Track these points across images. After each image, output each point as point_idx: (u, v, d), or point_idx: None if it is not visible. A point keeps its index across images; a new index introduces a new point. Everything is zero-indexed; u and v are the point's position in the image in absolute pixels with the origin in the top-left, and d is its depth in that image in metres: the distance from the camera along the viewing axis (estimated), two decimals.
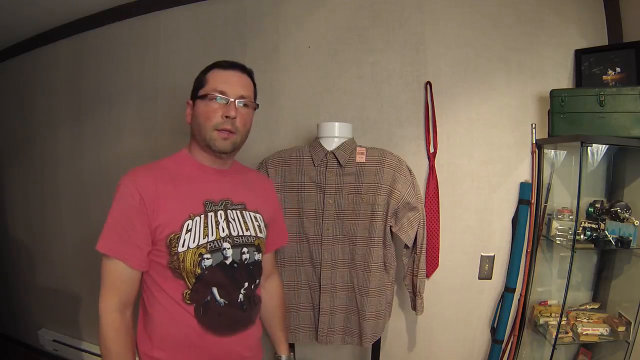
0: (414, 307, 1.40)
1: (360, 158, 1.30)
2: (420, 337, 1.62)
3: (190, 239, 0.86)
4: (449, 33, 1.55)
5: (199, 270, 0.86)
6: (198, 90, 0.94)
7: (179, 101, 1.83)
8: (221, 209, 0.93)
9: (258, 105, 1.01)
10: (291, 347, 1.49)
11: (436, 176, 1.54)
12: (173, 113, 1.84)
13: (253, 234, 0.97)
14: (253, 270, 0.97)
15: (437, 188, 1.53)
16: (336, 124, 1.30)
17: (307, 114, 1.65)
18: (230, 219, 0.94)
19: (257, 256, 0.98)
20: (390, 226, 1.31)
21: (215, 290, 0.88)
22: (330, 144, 1.30)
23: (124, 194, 0.85)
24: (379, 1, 1.60)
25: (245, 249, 0.94)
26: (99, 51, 1.99)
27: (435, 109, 1.54)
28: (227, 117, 0.90)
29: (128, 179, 0.86)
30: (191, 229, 0.87)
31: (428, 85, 1.55)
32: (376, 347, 1.41)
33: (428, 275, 1.53)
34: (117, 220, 0.84)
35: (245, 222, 0.96)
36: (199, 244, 0.87)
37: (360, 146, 1.32)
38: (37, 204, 2.23)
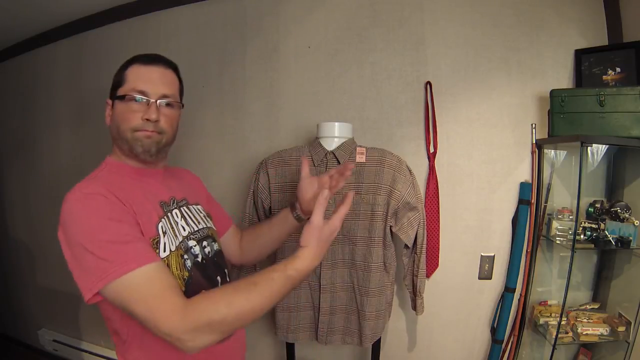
0: (414, 307, 1.40)
1: (360, 158, 1.30)
2: (420, 337, 1.62)
3: (169, 241, 0.79)
4: (449, 33, 1.55)
5: (186, 273, 0.79)
6: (116, 89, 0.85)
7: None
8: (175, 208, 0.87)
9: (183, 105, 0.91)
10: (291, 347, 1.49)
11: (436, 176, 1.54)
12: None
13: (204, 225, 0.93)
14: (218, 262, 0.92)
15: (437, 188, 1.53)
16: (336, 124, 1.30)
17: (307, 114, 1.65)
18: (184, 216, 0.88)
19: (216, 246, 0.93)
20: (390, 226, 1.30)
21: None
22: (330, 144, 1.30)
23: (97, 201, 0.70)
24: (379, 1, 1.60)
25: (204, 243, 0.89)
26: (98, 51, 1.99)
27: (435, 109, 1.54)
28: (147, 119, 0.81)
29: (89, 190, 0.72)
30: (165, 231, 0.79)
31: (428, 85, 1.55)
32: (376, 347, 1.41)
33: (428, 275, 1.53)
34: (111, 231, 0.68)
35: (194, 216, 0.92)
36: (177, 245, 0.80)
37: (360, 146, 1.32)
38: (37, 204, 2.23)
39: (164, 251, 0.77)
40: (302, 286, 1.35)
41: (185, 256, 0.82)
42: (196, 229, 0.90)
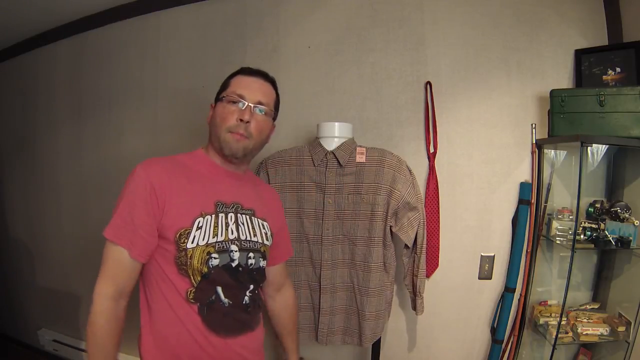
0: (414, 307, 1.40)
1: (360, 158, 1.30)
2: (420, 337, 1.62)
3: (200, 236, 0.85)
4: (449, 33, 1.55)
5: (205, 269, 0.85)
6: (220, 93, 0.95)
7: (179, 101, 1.85)
8: (232, 212, 0.92)
9: (277, 115, 1.01)
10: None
11: (436, 176, 1.54)
12: (173, 113, 1.84)
13: (260, 240, 0.96)
14: (256, 276, 0.96)
15: (437, 188, 1.53)
16: (336, 124, 1.30)
17: (307, 114, 1.65)
18: (239, 223, 0.93)
19: (262, 263, 0.97)
20: (390, 226, 1.30)
21: (220, 290, 0.87)
22: (330, 144, 1.30)
23: (136, 183, 0.84)
24: (379, 1, 1.60)
25: (251, 254, 0.93)
26: (98, 51, 1.99)
27: (435, 109, 1.54)
28: (241, 120, 0.90)
29: (142, 169, 0.85)
30: (202, 226, 0.86)
31: (428, 85, 1.55)
32: (376, 347, 1.41)
33: (428, 275, 1.53)
34: (125, 208, 0.83)
35: (253, 228, 0.96)
36: (208, 242, 0.86)
37: (360, 146, 1.32)
38: (37, 204, 2.23)
39: (192, 243, 0.84)
40: (302, 286, 1.35)
41: (215, 255, 0.87)
42: (248, 238, 0.93)
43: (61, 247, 2.15)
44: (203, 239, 0.85)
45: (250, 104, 0.91)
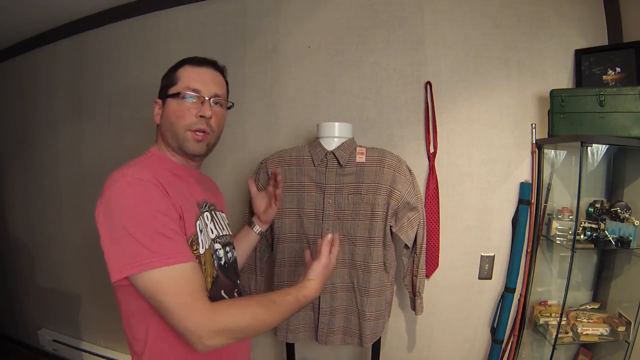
0: (414, 307, 1.40)
1: (360, 158, 1.30)
2: (420, 337, 1.62)
3: (204, 239, 0.82)
4: (449, 33, 1.55)
5: (215, 272, 0.83)
6: (168, 88, 0.88)
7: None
8: (206, 210, 0.90)
9: (233, 104, 0.97)
10: (291, 347, 1.49)
11: (436, 176, 1.54)
12: None
13: (227, 232, 0.97)
14: (236, 268, 0.97)
15: (437, 188, 1.53)
16: (336, 124, 1.30)
17: (307, 114, 1.65)
18: (214, 220, 0.92)
19: (235, 253, 0.99)
20: (390, 226, 1.30)
21: (223, 293, 0.86)
22: (330, 144, 1.30)
23: (149, 190, 0.72)
24: (379, 1, 1.60)
25: (227, 248, 0.94)
26: (99, 51, 1.99)
27: (435, 109, 1.54)
28: (201, 116, 0.84)
29: (140, 177, 0.73)
30: (202, 229, 0.83)
31: (428, 85, 1.55)
32: (376, 347, 1.41)
33: (428, 275, 1.53)
34: (158, 222, 0.70)
35: (220, 222, 0.95)
36: (209, 245, 0.84)
37: (360, 146, 1.32)
38: (37, 204, 2.23)
39: (202, 248, 0.81)
40: None
41: (214, 256, 0.86)
42: (222, 234, 0.93)
43: (61, 247, 2.15)
44: (206, 243, 0.83)
45: (207, 98, 0.86)
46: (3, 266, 2.43)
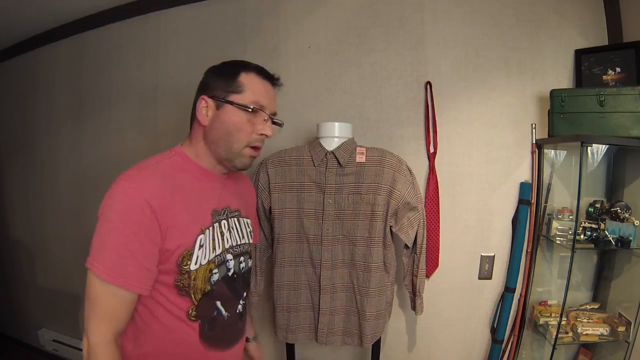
0: (414, 307, 1.40)
1: (360, 158, 1.30)
2: (420, 337, 1.62)
3: (202, 255, 0.79)
4: (449, 33, 1.55)
5: (208, 287, 0.80)
6: (229, 93, 0.81)
7: (179, 101, 1.85)
8: (224, 218, 0.87)
9: (283, 123, 0.96)
10: (290, 347, 1.49)
11: (436, 176, 1.54)
12: (173, 113, 1.84)
13: (246, 241, 0.94)
14: (247, 278, 0.95)
15: (437, 188, 1.53)
16: (336, 124, 1.30)
17: (307, 114, 1.65)
18: (230, 228, 0.89)
19: (250, 262, 0.96)
20: (390, 226, 1.30)
21: (219, 304, 0.84)
22: (330, 144, 1.30)
23: (129, 206, 0.70)
24: (379, 1, 1.60)
25: (242, 258, 0.91)
26: (98, 51, 1.99)
27: (435, 109, 1.54)
28: (264, 135, 0.83)
29: (132, 187, 0.72)
30: (203, 244, 0.80)
31: (428, 85, 1.55)
32: (376, 347, 1.41)
33: (428, 275, 1.53)
34: (120, 239, 0.70)
35: (240, 230, 0.92)
36: (209, 259, 0.81)
37: (360, 146, 1.31)
38: (37, 204, 2.23)
39: (195, 264, 0.78)
40: (302, 287, 1.35)
41: (215, 270, 0.82)
42: (238, 243, 0.90)
43: (61, 247, 2.15)
44: (205, 258, 0.80)
45: (270, 118, 0.85)
46: (3, 266, 2.43)
